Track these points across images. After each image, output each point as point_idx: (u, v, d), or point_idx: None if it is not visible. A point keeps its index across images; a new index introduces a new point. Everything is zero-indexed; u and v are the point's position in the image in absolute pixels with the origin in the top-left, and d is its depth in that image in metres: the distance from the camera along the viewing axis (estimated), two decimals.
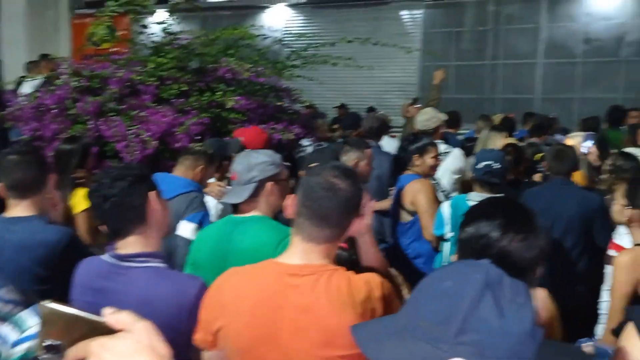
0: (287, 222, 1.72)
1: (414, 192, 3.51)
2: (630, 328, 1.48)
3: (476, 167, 3.20)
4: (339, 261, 1.93)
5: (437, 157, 3.75)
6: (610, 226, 3.10)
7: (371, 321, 1.00)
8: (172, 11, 5.56)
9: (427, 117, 4.59)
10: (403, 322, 0.90)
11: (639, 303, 2.26)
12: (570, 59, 10.36)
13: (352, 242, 1.88)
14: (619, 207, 2.56)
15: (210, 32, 5.17)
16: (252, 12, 12.34)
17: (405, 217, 3.60)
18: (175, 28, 5.30)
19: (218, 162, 3.26)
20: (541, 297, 2.18)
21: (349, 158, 3.10)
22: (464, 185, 4.30)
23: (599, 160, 4.44)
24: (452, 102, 10.41)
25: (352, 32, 8.91)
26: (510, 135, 6.20)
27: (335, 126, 7.51)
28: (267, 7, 12.49)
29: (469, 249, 1.40)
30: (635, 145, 4.90)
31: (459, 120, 7.26)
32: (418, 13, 11.26)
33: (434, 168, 3.75)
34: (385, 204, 3.78)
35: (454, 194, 4.14)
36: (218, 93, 4.49)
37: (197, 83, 4.63)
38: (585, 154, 4.46)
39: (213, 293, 1.63)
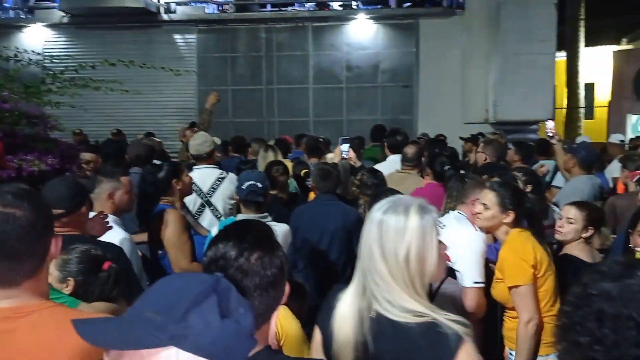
0: None
1: (162, 225, 3.22)
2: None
3: (240, 187, 3.23)
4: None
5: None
6: None
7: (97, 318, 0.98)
8: None
9: (200, 142, 4.49)
10: (128, 314, 0.93)
11: None
12: (336, 84, 11.31)
13: None
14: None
15: None
16: (6, 31, 11.07)
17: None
18: None
19: None
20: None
21: (102, 189, 2.86)
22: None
23: (358, 161, 5.02)
24: (231, 126, 10.59)
25: (122, 55, 8.46)
26: (286, 156, 6.49)
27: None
28: (24, 26, 11.33)
29: (210, 272, 1.39)
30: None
31: (244, 144, 7.31)
32: (191, 37, 11.25)
33: (192, 185, 3.68)
34: (142, 236, 3.55)
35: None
36: None
37: None
38: (345, 158, 4.91)
39: None
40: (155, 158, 4.79)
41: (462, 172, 4.26)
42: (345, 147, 4.87)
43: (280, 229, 3.19)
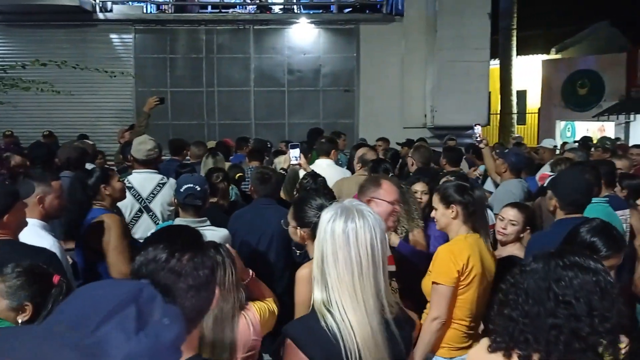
0: None
1: (102, 230, 3.15)
2: (288, 343, 1.63)
3: (179, 190, 3.17)
4: None
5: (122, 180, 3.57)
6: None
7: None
8: None
9: (151, 147, 4.35)
10: (42, 326, 0.87)
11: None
12: (278, 87, 11.30)
13: None
14: (292, 228, 2.74)
15: None
16: None
17: (98, 257, 3.28)
18: None
19: None
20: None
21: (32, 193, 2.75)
22: None
23: (308, 167, 4.93)
24: (170, 129, 10.39)
25: (56, 55, 8.17)
26: (227, 160, 6.43)
27: None
28: None
29: (141, 275, 1.37)
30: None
31: (183, 147, 7.16)
32: (128, 37, 10.96)
33: (123, 190, 3.58)
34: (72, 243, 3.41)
35: None
36: None
37: None
38: (294, 164, 4.81)
39: None
40: (88, 161, 4.64)
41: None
42: (295, 152, 4.75)
43: (219, 234, 3.16)
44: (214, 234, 3.01)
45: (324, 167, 4.91)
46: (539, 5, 18.08)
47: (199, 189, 3.16)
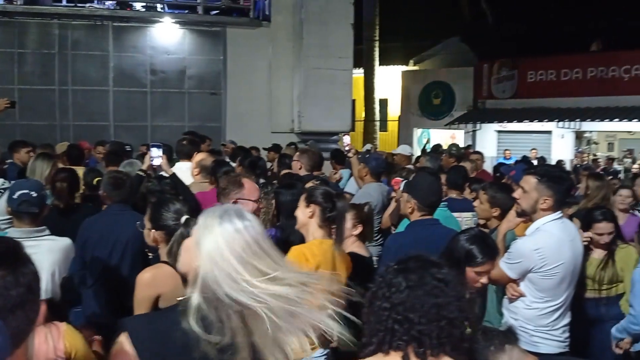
0: None
1: None
2: (123, 338, 1.54)
3: (12, 197, 2.86)
4: None
5: None
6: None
7: None
8: None
9: None
10: None
11: None
12: (139, 88, 10.80)
13: None
14: (146, 230, 2.61)
15: None
16: None
17: None
18: None
19: None
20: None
21: None
22: None
23: (170, 169, 4.74)
24: (17, 129, 9.48)
25: None
26: (79, 163, 5.97)
27: None
28: None
29: None
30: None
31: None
32: None
33: None
34: None
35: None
36: None
37: None
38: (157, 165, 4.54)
39: None
40: None
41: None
42: (155, 152, 4.39)
43: (61, 244, 2.90)
44: (53, 244, 2.77)
45: (184, 170, 4.77)
46: (398, 18, 19.17)
47: (34, 194, 2.86)
